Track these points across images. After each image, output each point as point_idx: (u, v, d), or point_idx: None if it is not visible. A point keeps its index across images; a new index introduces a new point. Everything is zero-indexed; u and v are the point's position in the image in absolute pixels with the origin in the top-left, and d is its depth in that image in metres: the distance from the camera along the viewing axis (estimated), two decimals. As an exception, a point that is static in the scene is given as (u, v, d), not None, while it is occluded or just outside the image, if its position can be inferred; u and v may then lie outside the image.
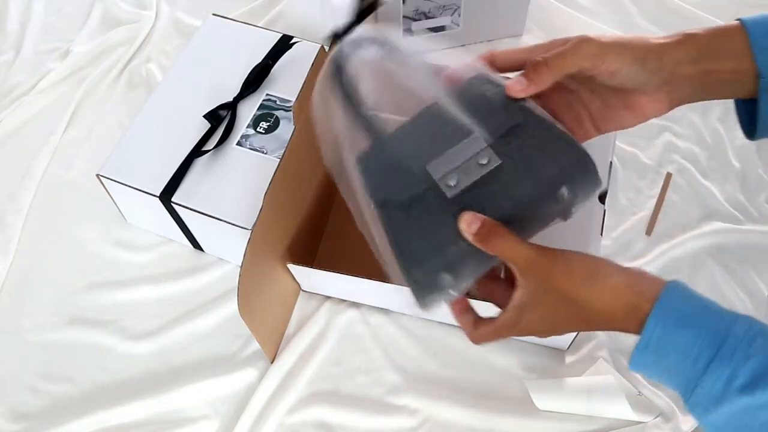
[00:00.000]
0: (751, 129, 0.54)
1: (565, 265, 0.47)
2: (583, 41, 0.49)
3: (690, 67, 0.50)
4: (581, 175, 0.48)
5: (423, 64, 0.52)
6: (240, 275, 0.58)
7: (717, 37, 0.50)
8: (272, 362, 0.70)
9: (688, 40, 0.50)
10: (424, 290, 0.48)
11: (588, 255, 0.48)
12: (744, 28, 0.50)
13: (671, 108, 0.52)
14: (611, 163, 0.67)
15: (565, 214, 0.50)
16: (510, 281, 0.51)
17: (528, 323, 0.49)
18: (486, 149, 0.48)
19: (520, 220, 0.48)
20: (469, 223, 0.47)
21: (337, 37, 0.52)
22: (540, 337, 0.52)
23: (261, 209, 0.60)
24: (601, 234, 0.64)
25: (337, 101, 0.52)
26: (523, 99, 0.50)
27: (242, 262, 0.58)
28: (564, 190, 0.48)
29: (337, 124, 0.52)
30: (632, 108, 0.52)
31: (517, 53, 0.52)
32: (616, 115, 0.53)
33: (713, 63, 0.50)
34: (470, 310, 0.52)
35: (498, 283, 0.52)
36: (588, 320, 0.48)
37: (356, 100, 0.52)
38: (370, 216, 0.50)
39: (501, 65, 0.53)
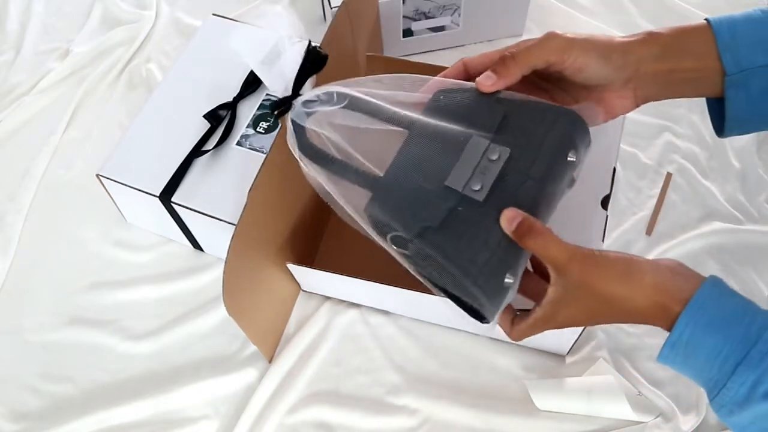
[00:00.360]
0: (720, 126, 0.55)
1: (599, 264, 0.47)
2: (550, 36, 0.51)
3: (654, 64, 0.52)
4: (579, 134, 0.50)
5: (384, 100, 0.53)
6: (224, 273, 0.57)
7: (681, 36, 0.52)
8: (270, 362, 0.70)
9: (651, 38, 0.52)
10: (494, 300, 0.48)
11: (622, 254, 0.48)
12: (710, 27, 0.51)
13: (638, 105, 0.54)
14: (615, 168, 0.67)
15: (572, 182, 0.52)
16: (541, 274, 0.52)
17: (564, 318, 0.50)
18: (491, 146, 0.49)
19: (547, 199, 0.49)
20: (510, 220, 0.47)
21: (287, 100, 0.53)
22: (576, 326, 0.53)
23: (245, 206, 0.60)
24: (603, 240, 0.64)
25: (314, 167, 0.53)
26: (496, 92, 0.51)
27: (226, 260, 0.57)
28: (572, 154, 0.49)
29: (327, 188, 0.53)
30: (600, 104, 0.53)
31: (488, 56, 0.53)
32: (583, 110, 0.53)
33: (677, 61, 0.52)
34: (509, 307, 0.52)
35: (530, 276, 0.53)
36: (621, 316, 0.48)
37: (330, 158, 0.53)
38: (407, 258, 0.51)
39: (473, 71, 0.53)
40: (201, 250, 0.77)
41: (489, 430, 0.66)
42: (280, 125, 0.73)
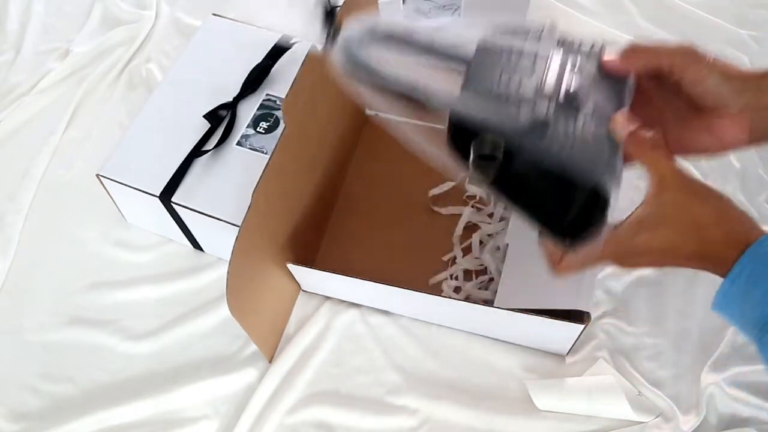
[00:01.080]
0: None
1: (699, 189, 0.48)
2: (684, 43, 0.50)
3: None
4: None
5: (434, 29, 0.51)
6: (228, 273, 0.57)
7: None
8: (270, 361, 0.70)
9: None
10: (604, 204, 0.46)
11: (718, 191, 0.48)
12: None
13: (752, 142, 0.51)
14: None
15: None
16: None
17: (640, 242, 0.49)
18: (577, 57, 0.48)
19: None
20: (623, 125, 0.46)
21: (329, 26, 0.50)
22: (634, 266, 0.51)
23: (249, 207, 0.60)
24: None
25: (399, 52, 0.49)
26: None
27: (230, 260, 0.57)
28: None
29: (406, 78, 0.48)
30: (711, 130, 0.51)
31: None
32: (692, 135, 0.52)
33: None
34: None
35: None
36: (698, 248, 0.48)
37: (409, 39, 0.49)
38: (491, 173, 0.47)
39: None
40: (201, 250, 0.77)
41: (489, 430, 0.66)
42: (281, 125, 0.73)
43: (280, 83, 0.76)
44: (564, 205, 0.46)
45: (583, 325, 0.61)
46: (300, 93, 0.64)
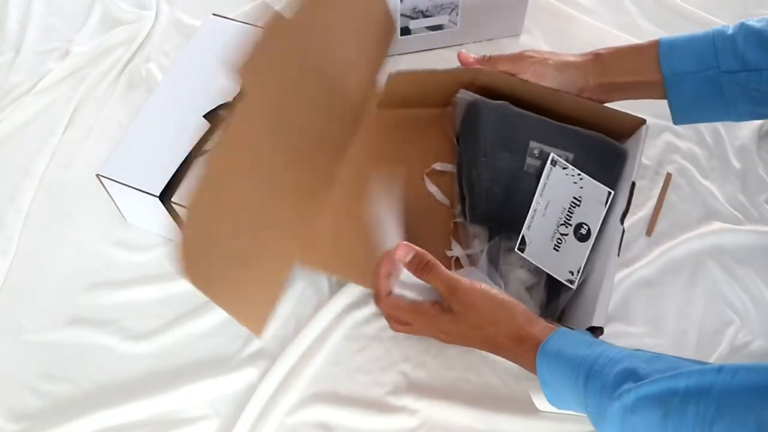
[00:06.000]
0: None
1: (476, 298, 0.60)
2: (516, 53, 0.74)
3: (598, 78, 0.71)
4: None
5: None
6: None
7: (621, 55, 0.70)
8: (258, 336, 0.68)
9: (597, 59, 0.71)
10: None
11: (501, 295, 0.61)
12: (657, 45, 0.68)
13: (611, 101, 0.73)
14: (633, 183, 0.69)
15: None
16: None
17: (440, 323, 0.62)
18: None
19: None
20: (405, 252, 0.62)
21: None
22: (442, 339, 0.64)
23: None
24: (618, 254, 0.65)
25: None
26: None
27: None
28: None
29: None
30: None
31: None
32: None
33: (615, 76, 0.70)
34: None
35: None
36: (487, 345, 0.61)
37: None
38: None
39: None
40: (201, 250, 0.77)
41: (489, 430, 0.66)
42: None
43: (280, 83, 0.76)
44: None
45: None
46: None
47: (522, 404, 0.66)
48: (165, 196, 0.69)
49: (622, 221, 0.67)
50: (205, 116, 0.73)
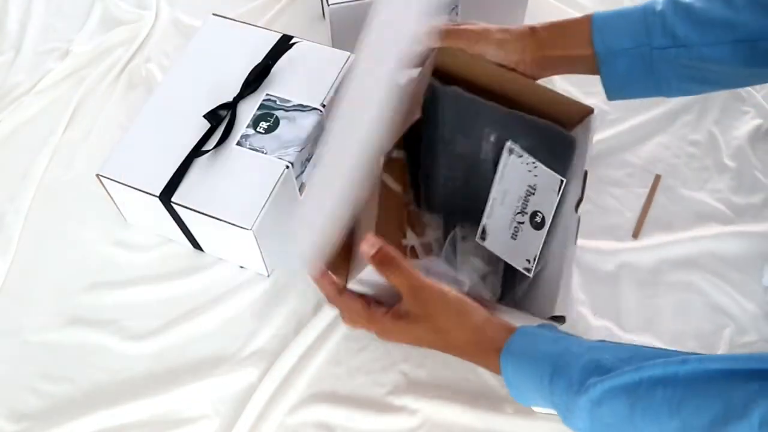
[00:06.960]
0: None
1: (437, 301, 0.57)
2: (468, 28, 0.69)
3: (533, 52, 0.68)
4: None
5: None
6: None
7: (557, 30, 0.69)
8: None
9: (532, 32, 0.69)
10: None
11: (461, 298, 0.58)
12: (591, 19, 0.66)
13: (534, 78, 0.70)
14: (585, 171, 0.68)
15: None
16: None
17: (399, 329, 0.60)
18: None
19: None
20: (370, 245, 0.56)
21: None
22: (394, 341, 0.63)
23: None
24: (575, 242, 0.65)
25: None
26: None
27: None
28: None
29: None
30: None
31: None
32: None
33: (549, 50, 0.68)
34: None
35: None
36: (448, 349, 0.60)
37: None
38: None
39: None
40: (201, 250, 0.78)
41: (489, 430, 0.66)
42: (281, 125, 0.73)
43: (280, 83, 0.76)
44: None
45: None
46: None
47: (522, 405, 0.66)
48: (165, 196, 0.69)
49: (576, 209, 0.67)
50: (205, 116, 0.73)
